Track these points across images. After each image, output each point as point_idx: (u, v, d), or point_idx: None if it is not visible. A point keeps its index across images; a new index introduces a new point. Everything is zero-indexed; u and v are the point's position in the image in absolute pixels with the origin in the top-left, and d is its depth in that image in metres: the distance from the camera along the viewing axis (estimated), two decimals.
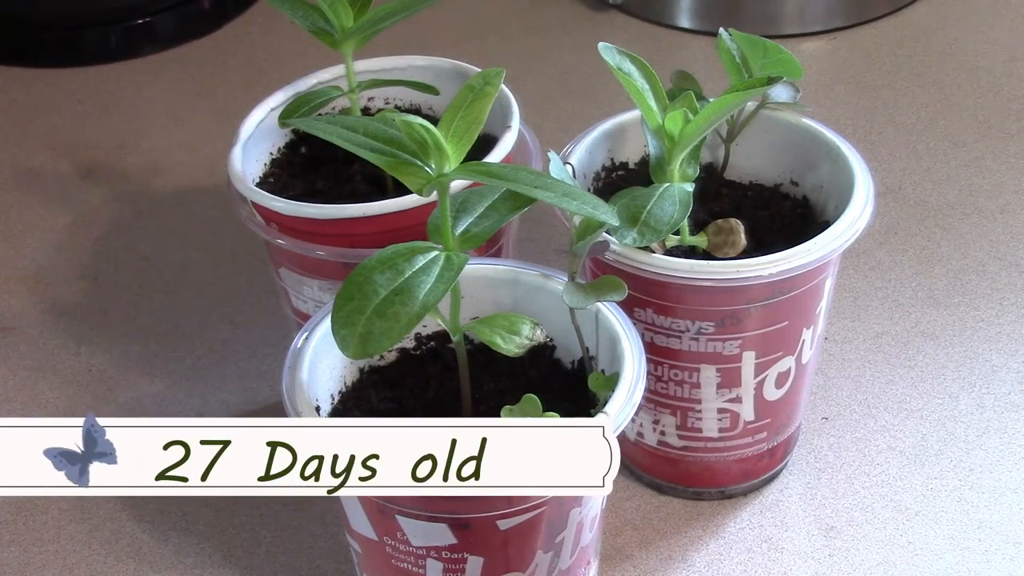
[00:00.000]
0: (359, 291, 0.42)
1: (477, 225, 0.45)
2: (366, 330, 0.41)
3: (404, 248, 0.43)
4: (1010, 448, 0.63)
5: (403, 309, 0.41)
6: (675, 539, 0.60)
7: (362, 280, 0.42)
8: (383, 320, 0.41)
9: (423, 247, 0.43)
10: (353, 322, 0.41)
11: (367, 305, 0.41)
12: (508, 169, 0.43)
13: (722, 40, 0.57)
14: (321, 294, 0.59)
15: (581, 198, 0.43)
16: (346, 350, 0.41)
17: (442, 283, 0.42)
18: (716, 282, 0.52)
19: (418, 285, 0.42)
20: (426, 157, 0.42)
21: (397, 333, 0.41)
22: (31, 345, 0.72)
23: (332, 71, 0.64)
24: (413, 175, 0.43)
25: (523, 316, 0.46)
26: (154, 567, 0.60)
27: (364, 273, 0.42)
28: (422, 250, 0.43)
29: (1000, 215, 0.78)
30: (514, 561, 0.48)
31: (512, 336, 0.45)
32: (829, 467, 0.63)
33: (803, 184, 0.60)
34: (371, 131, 0.43)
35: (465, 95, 0.43)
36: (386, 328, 0.41)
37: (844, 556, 0.58)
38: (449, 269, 0.43)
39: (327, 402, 0.50)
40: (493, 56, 0.95)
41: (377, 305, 0.41)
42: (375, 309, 0.41)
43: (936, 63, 0.92)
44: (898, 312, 0.71)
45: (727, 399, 0.57)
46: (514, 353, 0.45)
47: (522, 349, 0.45)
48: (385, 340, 0.41)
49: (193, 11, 1.00)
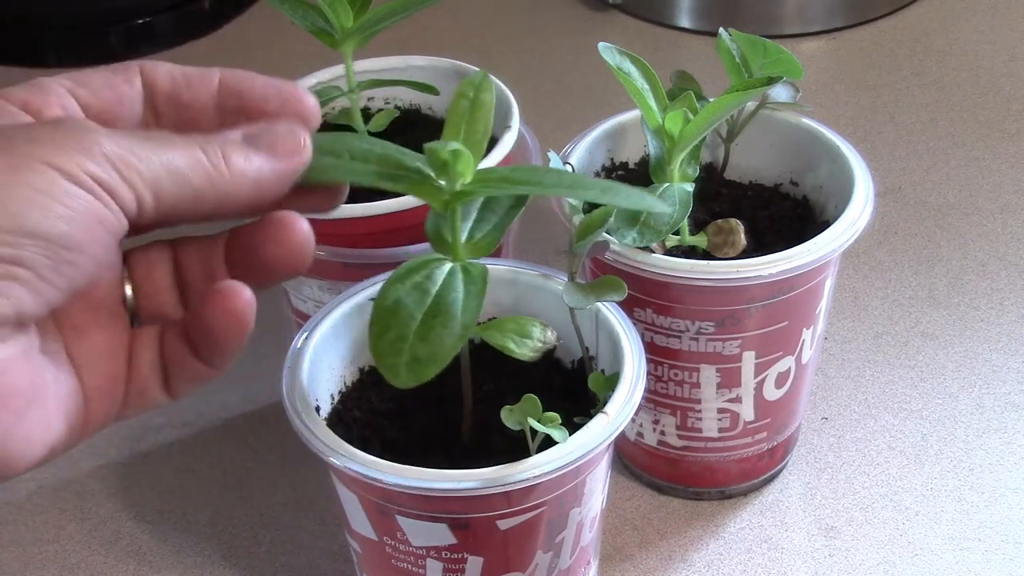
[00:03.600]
0: (394, 319, 0.41)
1: (479, 229, 0.44)
2: (412, 357, 0.40)
3: (415, 264, 0.42)
4: (1010, 448, 0.63)
5: (444, 331, 0.40)
6: (675, 539, 0.60)
7: (393, 307, 0.41)
8: (426, 344, 0.40)
9: (434, 260, 0.42)
10: (398, 351, 0.40)
11: (407, 331, 0.40)
12: (527, 173, 0.42)
13: (722, 40, 0.57)
14: (321, 294, 0.59)
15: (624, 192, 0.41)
16: (396, 379, 0.40)
17: (473, 298, 0.41)
18: (716, 282, 0.52)
19: (450, 304, 0.41)
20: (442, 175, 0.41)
21: (443, 357, 0.40)
22: None
23: (332, 71, 0.64)
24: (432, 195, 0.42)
25: (531, 318, 0.46)
26: (154, 567, 0.60)
27: (391, 298, 0.41)
28: (435, 264, 0.42)
29: (1000, 215, 0.78)
30: (514, 561, 0.48)
31: (524, 340, 0.45)
32: (829, 467, 0.63)
33: (803, 184, 0.60)
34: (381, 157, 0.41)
35: (461, 105, 0.42)
36: (431, 352, 0.40)
37: (844, 556, 0.58)
38: (473, 283, 0.41)
39: (327, 402, 0.50)
40: (493, 56, 0.95)
41: (417, 330, 0.40)
42: (416, 334, 0.40)
43: (936, 63, 0.92)
44: (898, 312, 0.71)
45: (727, 399, 0.57)
46: (529, 358, 0.44)
47: (537, 353, 0.44)
48: (432, 365, 0.40)
49: (193, 11, 1.00)
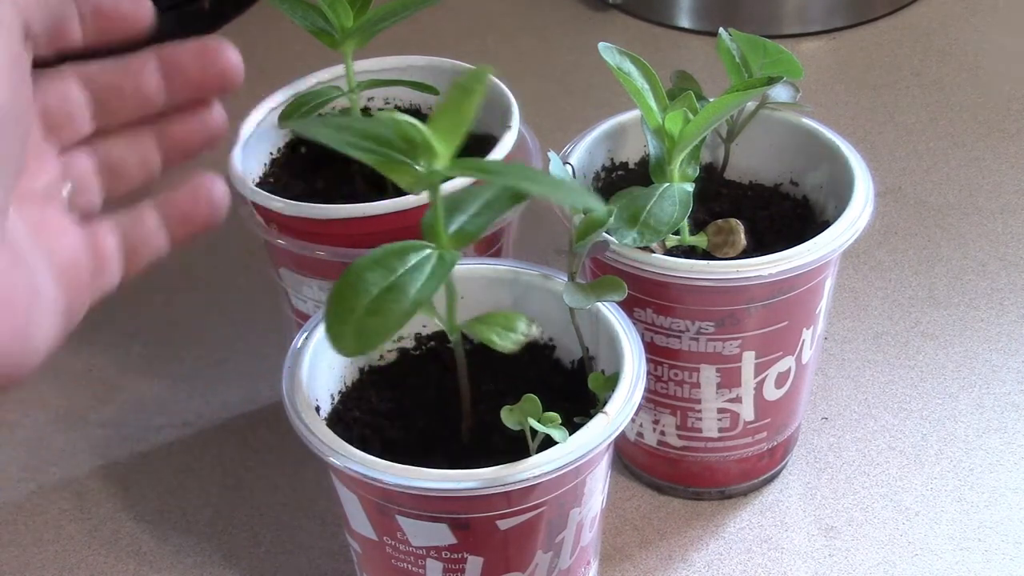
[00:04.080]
0: (351, 290, 0.42)
1: (471, 223, 0.45)
2: (358, 327, 0.41)
3: (396, 247, 0.43)
4: (1010, 448, 0.63)
5: (395, 306, 0.41)
6: (675, 539, 0.60)
7: (354, 279, 0.42)
8: (375, 317, 0.41)
9: (416, 246, 0.43)
10: (345, 320, 0.41)
11: (359, 303, 0.41)
12: (497, 164, 0.43)
13: (722, 40, 0.57)
14: (321, 294, 0.59)
15: (568, 188, 0.43)
16: (339, 346, 0.41)
17: (433, 280, 0.42)
18: (716, 282, 0.52)
19: (410, 282, 0.42)
20: (416, 155, 0.42)
21: (389, 329, 0.41)
22: None
23: (332, 71, 0.64)
24: (404, 173, 0.43)
25: (520, 313, 0.46)
26: (154, 567, 0.60)
27: (356, 272, 0.42)
28: (415, 248, 0.43)
29: (1000, 215, 0.78)
30: (514, 561, 0.48)
31: (508, 333, 0.45)
32: (829, 467, 0.63)
33: (803, 184, 0.60)
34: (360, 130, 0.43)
35: (453, 95, 0.43)
36: (378, 325, 0.41)
37: (844, 556, 0.58)
38: (441, 267, 0.43)
39: (327, 402, 0.50)
40: (493, 56, 0.95)
41: (369, 303, 0.41)
42: (367, 307, 0.41)
43: (936, 63, 0.92)
44: (898, 312, 0.71)
45: (727, 399, 0.57)
46: (509, 349, 0.45)
47: (517, 345, 0.45)
48: (376, 337, 0.41)
49: (193, 11, 1.00)
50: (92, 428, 0.67)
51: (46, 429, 0.67)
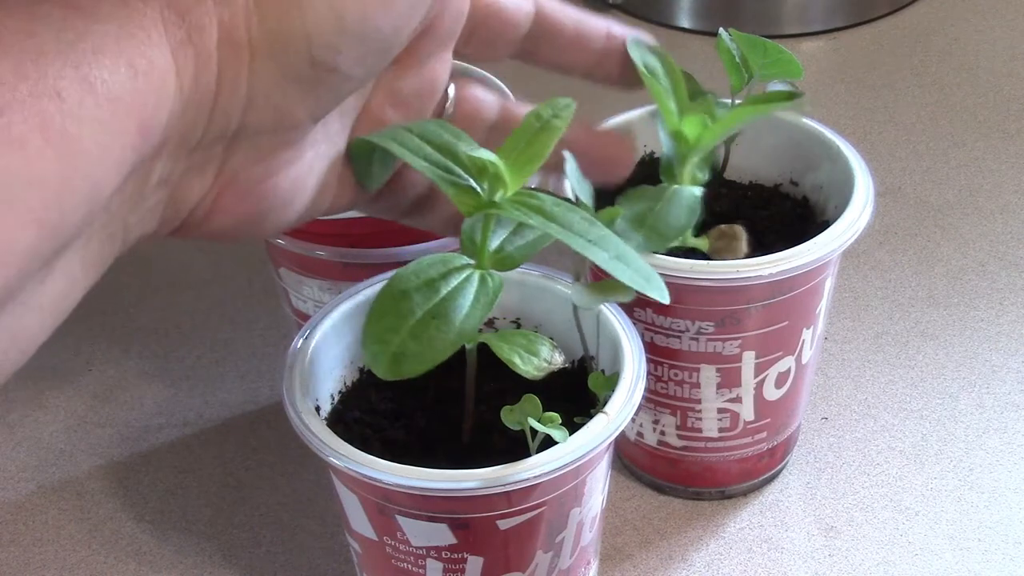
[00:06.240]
0: (395, 308, 0.40)
1: (511, 243, 0.44)
2: (399, 351, 0.40)
3: (438, 261, 0.42)
4: (1010, 448, 0.63)
5: (438, 335, 0.40)
6: (675, 539, 0.60)
7: (399, 296, 0.40)
8: (417, 343, 0.40)
9: (457, 264, 0.42)
10: (386, 340, 0.40)
11: (402, 324, 0.40)
12: (562, 212, 0.41)
13: (722, 40, 0.57)
14: (321, 294, 0.59)
15: (634, 265, 0.41)
16: (376, 368, 0.40)
17: (479, 308, 0.41)
18: (716, 282, 0.52)
19: (455, 309, 0.40)
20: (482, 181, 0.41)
21: (431, 359, 0.39)
22: None
23: None
24: (465, 196, 0.41)
25: (541, 336, 0.45)
26: (154, 567, 0.60)
27: (400, 287, 0.40)
28: (457, 268, 0.42)
29: (1000, 215, 0.78)
30: (514, 561, 0.48)
31: (531, 357, 0.44)
32: (829, 467, 0.63)
33: (803, 184, 0.60)
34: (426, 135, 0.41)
35: (531, 125, 0.42)
36: (419, 352, 0.39)
37: (844, 556, 0.58)
38: (485, 293, 0.41)
39: (327, 402, 0.50)
40: None
41: (412, 326, 0.40)
42: (410, 330, 0.40)
43: (936, 63, 0.92)
44: (898, 312, 0.71)
45: (727, 399, 0.57)
46: (533, 376, 0.44)
47: (541, 372, 0.44)
48: (417, 363, 0.39)
49: None
50: (92, 428, 0.67)
51: (46, 429, 0.67)
